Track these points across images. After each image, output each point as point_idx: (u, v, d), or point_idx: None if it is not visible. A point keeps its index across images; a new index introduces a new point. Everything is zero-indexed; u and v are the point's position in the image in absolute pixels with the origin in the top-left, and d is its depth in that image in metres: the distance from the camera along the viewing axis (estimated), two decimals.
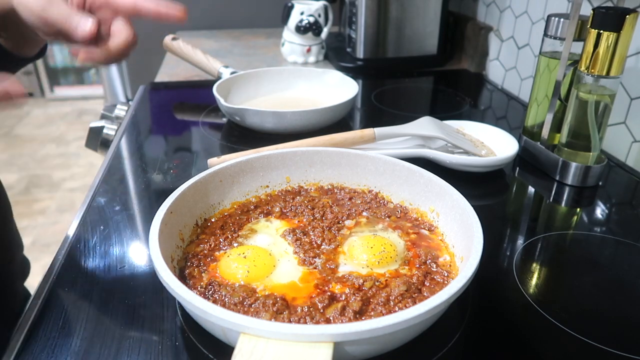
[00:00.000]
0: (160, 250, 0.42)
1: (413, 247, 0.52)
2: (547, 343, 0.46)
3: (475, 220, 0.47)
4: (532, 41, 1.05)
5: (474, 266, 0.41)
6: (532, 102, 0.80)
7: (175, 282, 0.39)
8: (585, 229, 0.65)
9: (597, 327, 0.47)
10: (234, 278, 0.46)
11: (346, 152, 0.62)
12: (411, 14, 1.22)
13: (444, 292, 0.38)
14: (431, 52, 1.28)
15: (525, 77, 1.08)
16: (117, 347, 0.43)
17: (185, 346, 0.44)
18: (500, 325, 0.48)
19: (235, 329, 0.36)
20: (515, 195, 0.75)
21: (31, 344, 0.44)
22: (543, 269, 0.57)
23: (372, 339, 0.36)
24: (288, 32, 1.29)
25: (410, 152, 0.74)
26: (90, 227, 0.61)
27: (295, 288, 0.46)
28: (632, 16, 0.62)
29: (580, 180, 0.72)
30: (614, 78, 0.66)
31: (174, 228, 0.50)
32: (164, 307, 0.48)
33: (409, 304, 0.43)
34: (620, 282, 0.55)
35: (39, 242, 2.14)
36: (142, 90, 1.10)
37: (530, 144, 0.79)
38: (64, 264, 0.54)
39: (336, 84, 1.00)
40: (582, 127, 0.70)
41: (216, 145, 0.86)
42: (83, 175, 2.66)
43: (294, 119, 0.82)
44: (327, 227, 0.55)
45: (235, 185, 0.59)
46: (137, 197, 0.69)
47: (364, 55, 1.25)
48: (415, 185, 0.58)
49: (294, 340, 0.35)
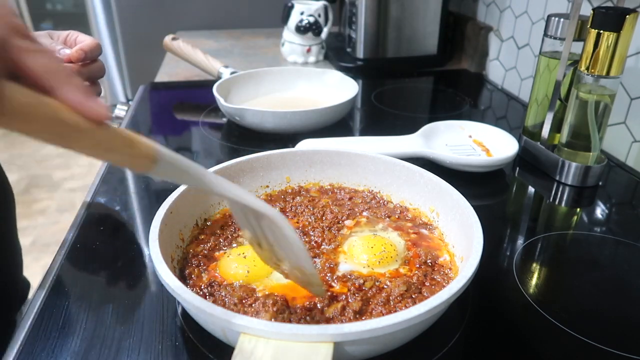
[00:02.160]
0: (160, 250, 0.42)
1: (413, 247, 0.52)
2: (547, 343, 0.46)
3: (475, 220, 0.47)
4: (532, 41, 1.05)
5: (474, 266, 0.41)
6: (532, 102, 0.80)
7: (175, 282, 0.39)
8: (585, 229, 0.65)
9: (597, 327, 0.47)
10: (234, 278, 0.46)
11: (346, 152, 0.62)
12: (411, 14, 1.22)
13: (444, 292, 0.38)
14: (431, 52, 1.28)
15: (525, 77, 1.08)
16: (117, 347, 0.43)
17: (185, 346, 0.44)
18: (500, 325, 0.48)
19: (235, 329, 0.36)
20: (515, 195, 0.75)
21: (31, 344, 0.44)
22: (543, 269, 0.57)
23: (372, 339, 0.36)
24: (288, 32, 1.29)
25: (410, 152, 0.74)
26: (90, 227, 0.61)
27: (295, 288, 0.46)
28: (632, 16, 0.62)
29: (580, 180, 0.72)
30: (614, 78, 0.66)
31: (174, 228, 0.50)
32: (164, 307, 0.48)
33: (409, 304, 0.43)
34: (620, 282, 0.55)
35: (39, 242, 2.14)
36: (142, 90, 1.10)
37: (530, 144, 0.79)
38: (64, 264, 0.54)
39: (336, 84, 1.00)
40: (582, 127, 0.70)
41: (216, 145, 0.86)
42: (83, 175, 2.66)
43: (294, 119, 0.82)
44: (327, 227, 0.55)
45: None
46: (137, 197, 0.68)
47: (364, 55, 1.25)
48: (415, 185, 0.58)
49: (294, 340, 0.35)
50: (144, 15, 1.69)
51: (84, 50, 0.60)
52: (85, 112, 0.25)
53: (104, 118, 0.26)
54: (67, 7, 3.12)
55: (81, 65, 0.61)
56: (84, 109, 0.25)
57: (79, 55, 0.60)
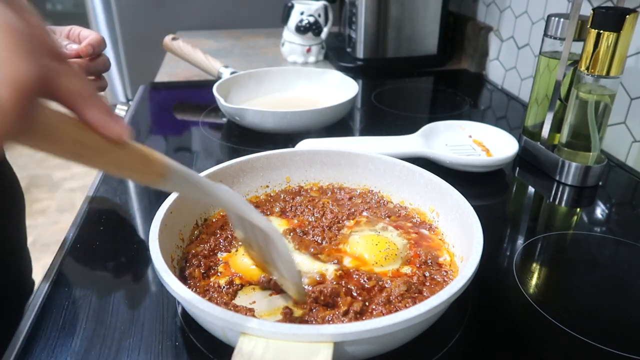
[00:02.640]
0: (160, 250, 0.42)
1: (413, 246, 0.52)
2: (547, 343, 0.46)
3: (475, 220, 0.47)
4: (532, 41, 1.05)
5: (474, 266, 0.41)
6: (532, 102, 0.80)
7: (175, 282, 0.39)
8: (585, 229, 0.65)
9: (597, 327, 0.47)
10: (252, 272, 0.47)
11: (346, 152, 0.62)
12: (411, 14, 1.22)
13: (444, 292, 0.38)
14: (431, 52, 1.28)
15: (525, 77, 1.08)
16: (117, 347, 0.43)
17: (185, 346, 0.44)
18: (500, 325, 0.48)
19: (235, 329, 0.36)
20: (515, 195, 0.75)
21: (31, 344, 0.44)
22: (543, 269, 0.57)
23: (372, 339, 0.36)
24: (288, 32, 1.29)
25: (410, 152, 0.74)
26: (90, 227, 0.61)
27: None
28: (632, 16, 0.62)
29: (580, 180, 0.72)
30: (614, 78, 0.66)
31: (174, 228, 0.50)
32: (164, 307, 0.48)
33: (409, 304, 0.43)
34: (620, 282, 0.55)
35: (39, 242, 2.14)
36: (142, 90, 1.10)
37: (530, 144, 0.79)
38: (64, 264, 0.54)
39: (336, 84, 1.00)
40: (582, 127, 0.70)
41: (216, 145, 0.86)
42: (83, 175, 2.66)
43: (294, 119, 0.82)
44: (327, 226, 0.55)
45: (235, 185, 0.59)
46: (137, 197, 0.68)
47: (364, 55, 1.25)
48: (415, 185, 0.58)
49: (294, 340, 0.35)
50: (144, 15, 1.69)
51: (92, 45, 0.61)
52: (107, 133, 0.27)
53: (125, 138, 0.28)
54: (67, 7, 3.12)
55: (88, 59, 0.62)
56: (106, 130, 0.27)
57: (88, 50, 0.62)
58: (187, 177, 0.34)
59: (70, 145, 0.26)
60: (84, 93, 0.26)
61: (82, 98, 0.26)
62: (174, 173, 0.32)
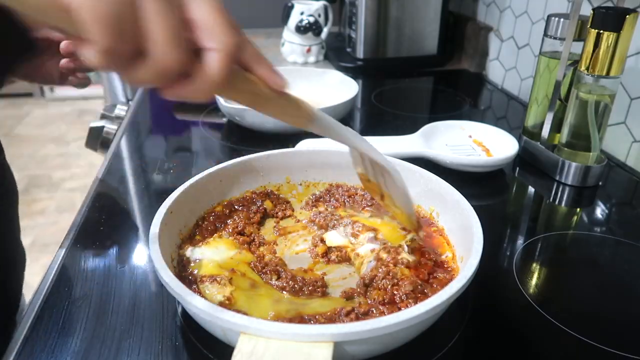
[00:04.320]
0: (160, 250, 0.42)
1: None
2: (547, 343, 0.46)
3: (475, 220, 0.47)
4: (532, 41, 1.05)
5: (474, 266, 0.41)
6: (532, 102, 0.80)
7: (175, 282, 0.39)
8: (585, 229, 0.65)
9: (597, 327, 0.47)
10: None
11: (346, 152, 0.62)
12: (411, 14, 1.22)
13: (444, 292, 0.38)
14: (431, 52, 1.28)
15: (525, 77, 1.08)
16: (117, 347, 0.43)
17: (185, 346, 0.44)
18: (500, 325, 0.48)
19: (235, 328, 0.36)
20: (515, 195, 0.75)
21: (31, 344, 0.44)
22: (543, 269, 0.57)
23: (372, 338, 0.36)
24: (288, 32, 1.29)
25: (410, 152, 0.74)
26: (90, 227, 0.61)
27: None
28: (632, 16, 0.62)
29: (580, 180, 0.72)
30: (614, 78, 0.66)
31: (174, 228, 0.50)
32: (164, 307, 0.48)
33: (411, 303, 0.43)
34: (620, 282, 0.55)
35: (39, 242, 2.14)
36: (142, 90, 1.10)
37: (530, 144, 0.79)
38: (63, 264, 0.54)
39: (336, 84, 1.00)
40: (582, 127, 0.70)
41: (216, 145, 0.86)
42: (83, 175, 2.66)
43: None
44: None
45: (235, 185, 0.59)
46: (137, 197, 0.68)
47: (364, 55, 1.25)
48: (415, 185, 0.58)
49: (294, 340, 0.35)
50: None
51: None
52: (272, 84, 0.37)
53: (285, 88, 0.37)
54: None
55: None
56: (271, 82, 0.37)
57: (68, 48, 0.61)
58: (327, 121, 0.43)
59: (248, 95, 0.36)
60: (257, 56, 0.36)
61: (256, 60, 0.36)
62: (318, 118, 0.42)
